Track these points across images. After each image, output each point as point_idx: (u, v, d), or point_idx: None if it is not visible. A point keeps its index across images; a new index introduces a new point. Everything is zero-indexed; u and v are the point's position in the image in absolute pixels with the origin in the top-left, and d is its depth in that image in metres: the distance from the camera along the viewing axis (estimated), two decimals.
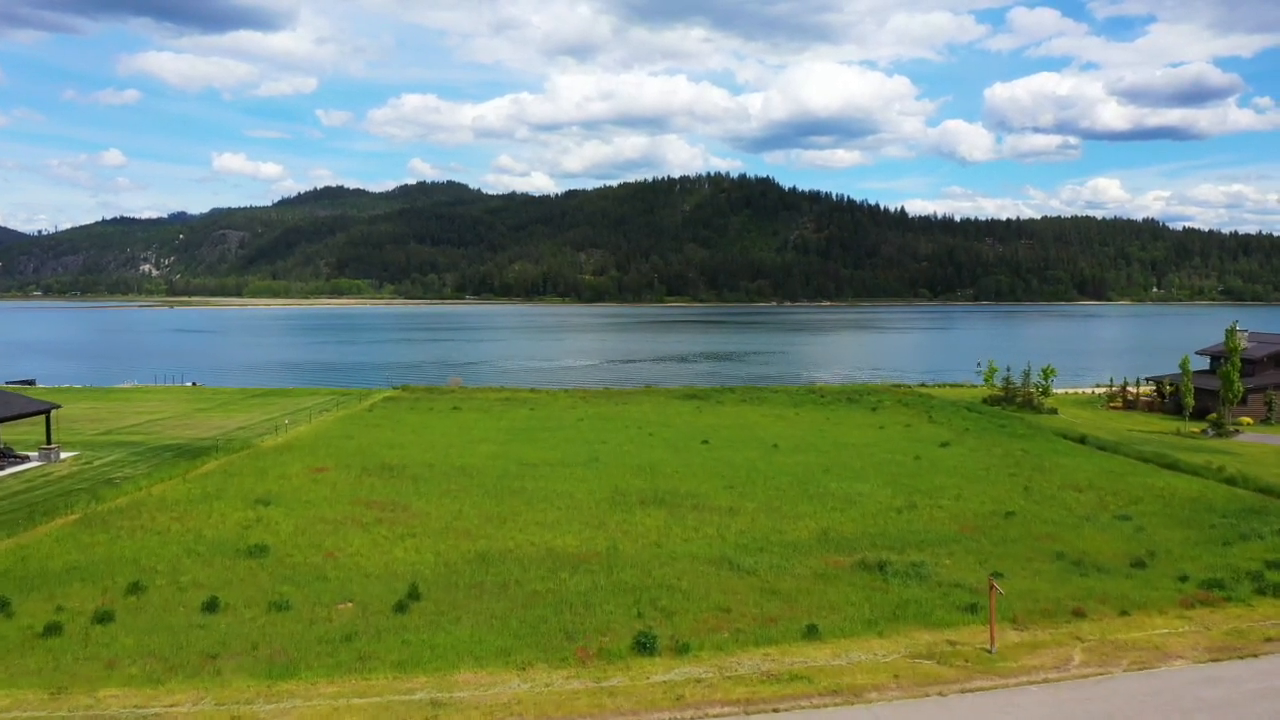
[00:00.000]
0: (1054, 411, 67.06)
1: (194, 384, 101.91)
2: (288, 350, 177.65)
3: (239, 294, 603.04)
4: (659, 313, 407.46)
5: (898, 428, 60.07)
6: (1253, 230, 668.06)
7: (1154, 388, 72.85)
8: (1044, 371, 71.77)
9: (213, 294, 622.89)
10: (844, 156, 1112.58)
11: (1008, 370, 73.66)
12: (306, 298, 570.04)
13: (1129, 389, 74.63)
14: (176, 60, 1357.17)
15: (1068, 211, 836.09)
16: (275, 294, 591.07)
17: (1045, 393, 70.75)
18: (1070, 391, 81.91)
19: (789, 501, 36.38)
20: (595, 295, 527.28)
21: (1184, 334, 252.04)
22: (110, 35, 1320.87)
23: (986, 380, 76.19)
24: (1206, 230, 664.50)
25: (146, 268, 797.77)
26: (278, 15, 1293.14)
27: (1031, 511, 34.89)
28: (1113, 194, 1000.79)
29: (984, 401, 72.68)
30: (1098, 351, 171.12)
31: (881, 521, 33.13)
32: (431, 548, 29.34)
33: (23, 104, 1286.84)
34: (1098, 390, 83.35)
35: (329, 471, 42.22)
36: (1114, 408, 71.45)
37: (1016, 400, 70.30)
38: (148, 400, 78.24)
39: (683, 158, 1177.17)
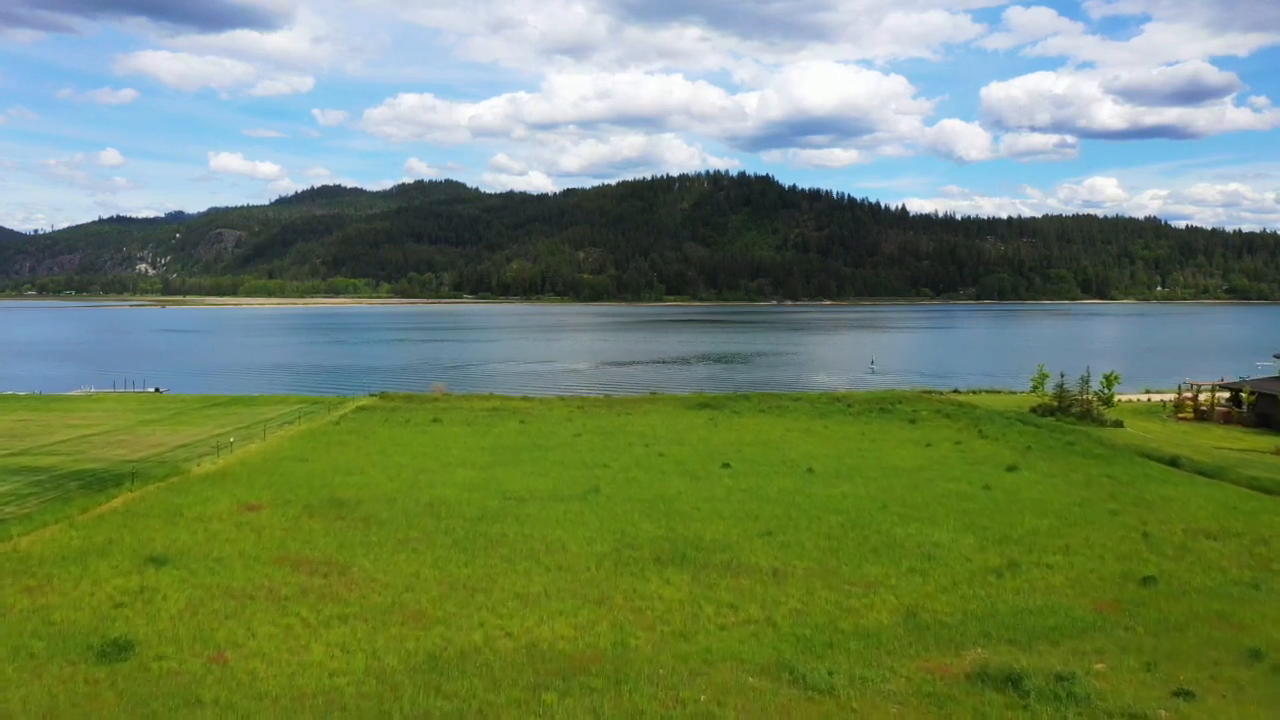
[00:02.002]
0: (1119, 424, 58.64)
1: (156, 389, 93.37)
2: (273, 352, 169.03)
3: (235, 293, 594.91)
4: (659, 312, 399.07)
5: (947, 445, 51.60)
6: (1250, 229, 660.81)
7: (1229, 395, 64.53)
8: (1106, 378, 63.39)
9: (208, 293, 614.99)
10: (841, 155, 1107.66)
11: (1061, 376, 65.21)
12: (302, 297, 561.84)
13: (1197, 396, 66.24)
14: (173, 60, 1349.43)
15: (1065, 210, 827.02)
16: (271, 293, 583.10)
17: (1108, 402, 62.33)
18: (1123, 399, 73.42)
19: (849, 558, 27.87)
20: (594, 294, 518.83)
21: (1200, 333, 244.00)
22: (107, 35, 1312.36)
23: (1036, 387, 67.80)
24: (1209, 229, 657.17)
25: (143, 267, 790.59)
26: (274, 15, 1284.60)
27: (1174, 574, 26.40)
28: (1110, 193, 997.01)
29: (1032, 411, 64.29)
30: (1122, 353, 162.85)
31: (982, 592, 24.61)
32: (366, 643, 20.81)
33: (20, 103, 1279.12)
34: (1152, 397, 74.93)
35: (262, 510, 33.67)
36: (1184, 419, 63.02)
37: (1073, 410, 61.85)
38: (93, 410, 69.66)
39: (680, 157, 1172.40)
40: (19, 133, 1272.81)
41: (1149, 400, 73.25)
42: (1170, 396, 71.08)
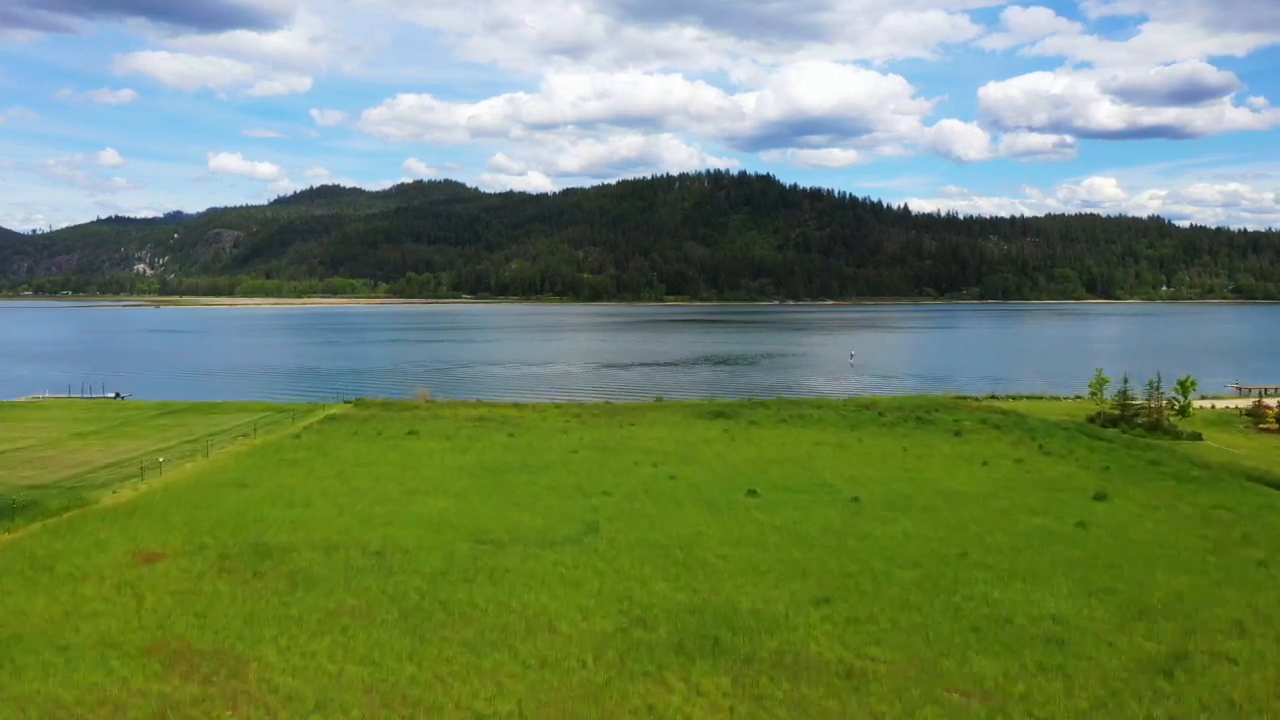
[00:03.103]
0: (1197, 437, 50.94)
1: (116, 395, 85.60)
2: (259, 353, 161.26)
3: (231, 293, 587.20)
4: (660, 312, 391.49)
5: (1007, 464, 43.90)
6: (1254, 229, 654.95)
7: None
8: (1181, 384, 55.76)
9: (205, 293, 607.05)
10: (840, 156, 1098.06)
11: (1124, 381, 57.45)
12: (299, 297, 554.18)
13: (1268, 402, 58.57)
14: (173, 60, 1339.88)
15: (1065, 211, 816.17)
16: (268, 293, 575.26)
17: (1184, 412, 54.57)
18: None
19: (945, 643, 20.09)
20: (594, 294, 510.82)
21: (1215, 333, 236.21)
22: (106, 35, 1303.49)
23: (1094, 393, 60.13)
24: (1214, 228, 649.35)
25: (141, 267, 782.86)
26: (274, 15, 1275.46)
27: None
28: (1109, 193, 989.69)
29: (1090, 421, 56.61)
30: (1140, 353, 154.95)
31: (1159, 711, 16.86)
32: None
33: (20, 103, 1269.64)
34: (1215, 404, 67.19)
35: (161, 562, 25.95)
36: (1266, 430, 55.27)
37: (1139, 421, 54.15)
38: (31, 420, 61.94)
39: (679, 157, 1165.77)
40: (19, 133, 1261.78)
41: (1213, 407, 65.53)
42: (1237, 403, 63.42)
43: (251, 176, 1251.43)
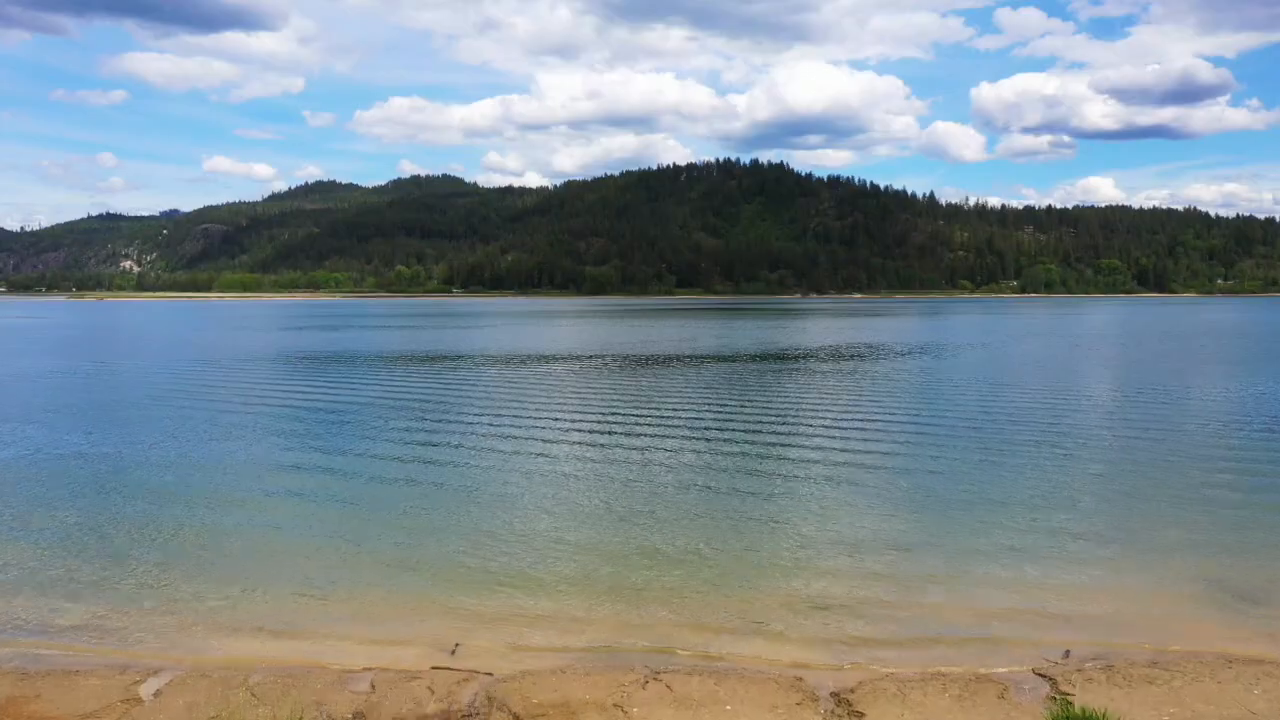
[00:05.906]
0: None
1: None
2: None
3: (209, 288, 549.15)
4: (674, 304, 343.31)
5: None
6: None
7: None
8: None
9: (183, 288, 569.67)
10: (835, 157, 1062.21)
11: None
12: (280, 291, 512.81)
13: None
14: (169, 63, 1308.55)
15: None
16: (246, 287, 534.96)
17: None
18: None
19: None
20: (597, 287, 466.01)
21: None
22: (98, 36, 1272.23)
23: None
24: (1264, 218, 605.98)
25: (128, 264, 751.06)
26: (265, 16, 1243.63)
27: None
28: (1106, 193, 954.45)
29: None
30: None
31: None
32: None
33: (16, 104, 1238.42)
34: None
35: None
36: None
37: None
38: None
39: (674, 158, 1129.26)
40: (13, 134, 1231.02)
41: None
42: None
43: (248, 177, 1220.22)
